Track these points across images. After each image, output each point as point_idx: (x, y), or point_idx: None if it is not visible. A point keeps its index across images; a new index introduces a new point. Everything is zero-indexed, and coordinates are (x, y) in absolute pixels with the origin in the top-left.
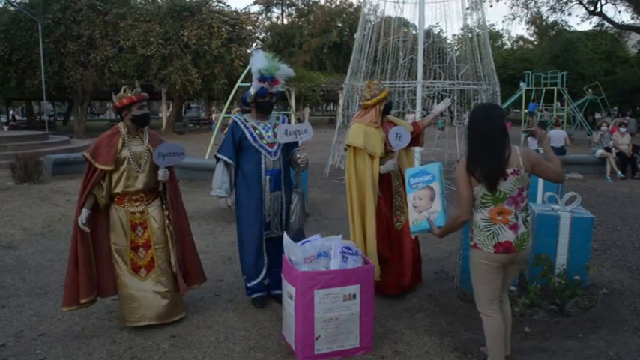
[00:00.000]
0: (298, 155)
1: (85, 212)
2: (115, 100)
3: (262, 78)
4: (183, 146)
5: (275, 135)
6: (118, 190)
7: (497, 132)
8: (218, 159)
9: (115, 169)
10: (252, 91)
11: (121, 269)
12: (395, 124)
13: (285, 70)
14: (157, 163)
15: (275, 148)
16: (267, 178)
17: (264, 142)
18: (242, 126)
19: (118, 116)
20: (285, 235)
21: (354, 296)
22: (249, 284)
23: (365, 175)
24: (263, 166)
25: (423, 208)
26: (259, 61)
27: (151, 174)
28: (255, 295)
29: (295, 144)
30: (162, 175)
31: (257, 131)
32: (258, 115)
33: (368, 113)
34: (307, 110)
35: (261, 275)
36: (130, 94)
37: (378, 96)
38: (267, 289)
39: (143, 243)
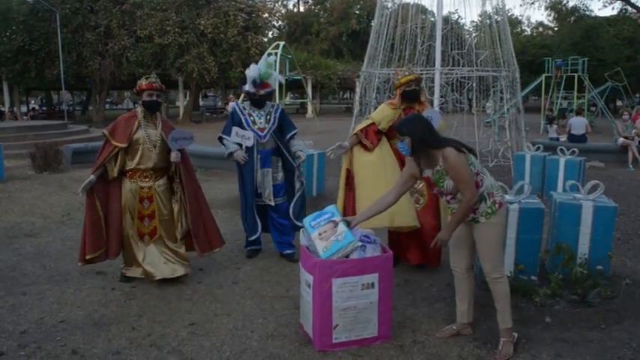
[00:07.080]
0: (299, 154)
1: (91, 178)
2: (136, 85)
3: (253, 83)
4: (198, 134)
5: (267, 121)
6: (131, 165)
7: None
8: (222, 139)
9: (130, 147)
10: (246, 88)
11: (129, 222)
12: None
13: (276, 77)
14: (171, 146)
15: (265, 132)
16: (258, 156)
17: (256, 127)
18: (240, 113)
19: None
20: (301, 231)
21: (373, 285)
22: (249, 239)
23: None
24: (255, 146)
25: (330, 235)
26: (253, 71)
27: (161, 155)
28: (250, 248)
29: (289, 130)
30: (174, 156)
31: (252, 118)
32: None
33: (396, 96)
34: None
35: (258, 232)
36: (143, 82)
37: (398, 81)
38: (278, 249)
39: (148, 214)
